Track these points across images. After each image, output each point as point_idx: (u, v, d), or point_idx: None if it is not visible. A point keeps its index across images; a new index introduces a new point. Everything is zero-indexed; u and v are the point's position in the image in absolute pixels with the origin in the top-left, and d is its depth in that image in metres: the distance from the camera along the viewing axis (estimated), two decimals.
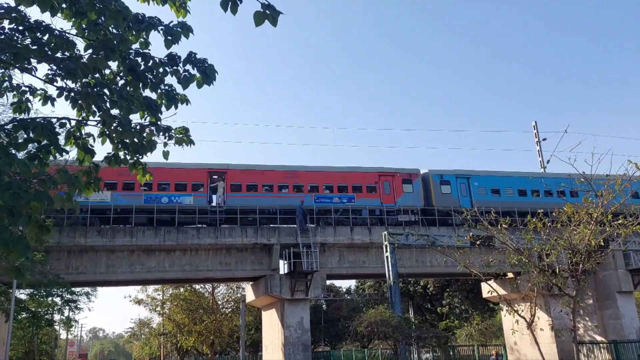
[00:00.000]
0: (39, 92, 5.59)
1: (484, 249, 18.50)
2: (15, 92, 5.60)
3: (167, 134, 5.64)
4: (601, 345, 22.05)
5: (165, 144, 5.72)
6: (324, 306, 57.15)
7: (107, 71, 5.48)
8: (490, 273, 17.06)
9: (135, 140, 5.47)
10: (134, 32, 5.35)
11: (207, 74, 5.46)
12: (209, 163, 25.75)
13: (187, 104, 5.72)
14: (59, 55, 5.14)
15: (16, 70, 5.37)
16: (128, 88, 5.37)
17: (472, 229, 15.97)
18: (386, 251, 22.73)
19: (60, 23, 15.15)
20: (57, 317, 31.98)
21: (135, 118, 5.56)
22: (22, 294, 25.15)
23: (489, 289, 27.60)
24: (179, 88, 5.56)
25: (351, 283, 60.88)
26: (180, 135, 5.70)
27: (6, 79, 5.53)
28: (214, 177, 25.27)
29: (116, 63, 5.37)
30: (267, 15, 4.36)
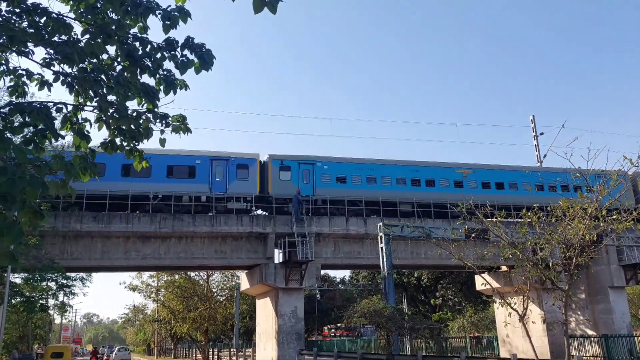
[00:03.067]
0: (35, 76, 5.54)
1: (478, 242, 18.59)
2: (12, 76, 5.54)
3: (164, 122, 5.61)
4: (592, 339, 22.30)
5: (162, 132, 5.69)
6: (318, 296, 57.55)
7: (105, 56, 5.43)
8: (485, 266, 17.17)
9: (132, 127, 5.44)
10: (132, 17, 5.30)
11: (205, 59, 5.42)
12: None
13: (185, 90, 5.68)
14: (56, 39, 5.09)
15: (13, 53, 5.31)
16: (125, 74, 5.32)
17: (468, 221, 16.04)
18: (381, 242, 22.81)
19: (57, 6, 14.97)
20: (51, 302, 32.01)
21: (132, 104, 5.52)
22: (16, 278, 25.12)
23: (482, 282, 27.80)
24: (177, 74, 5.52)
25: (346, 273, 61.29)
26: (178, 123, 5.67)
27: (2, 62, 5.48)
28: None
29: (114, 48, 5.32)
30: (267, 2, 4.31)
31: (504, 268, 29.19)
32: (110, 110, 5.30)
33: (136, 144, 5.64)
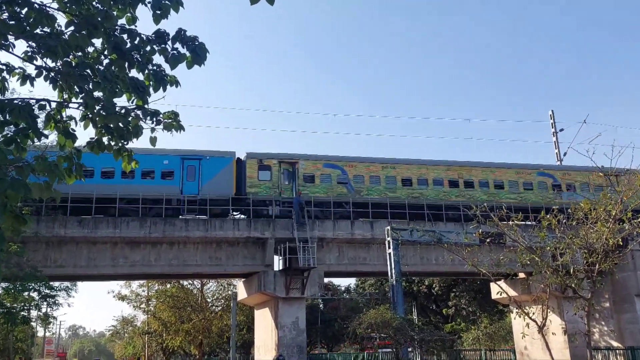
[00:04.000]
0: (16, 71, 5.57)
1: (494, 246, 18.59)
2: None
3: (154, 119, 5.64)
4: (617, 351, 22.25)
5: (153, 130, 5.72)
6: (321, 306, 57.50)
7: (91, 49, 5.46)
8: (500, 273, 17.16)
9: (120, 125, 5.47)
10: (119, 6, 5.34)
11: (198, 53, 5.45)
12: None
13: (176, 87, 5.71)
14: (38, 31, 5.13)
15: None
16: (113, 68, 5.36)
17: (482, 225, 16.04)
18: (389, 247, 22.82)
19: None
20: (34, 313, 32.11)
21: (120, 101, 5.56)
22: None
23: (498, 290, 27.75)
24: (167, 68, 5.55)
25: (351, 281, 61.22)
26: (169, 120, 5.70)
27: None
28: None
29: (100, 40, 5.36)
30: None
31: (521, 275, 29.10)
32: (97, 107, 5.33)
33: (125, 143, 5.68)
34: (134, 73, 5.51)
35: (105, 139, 5.64)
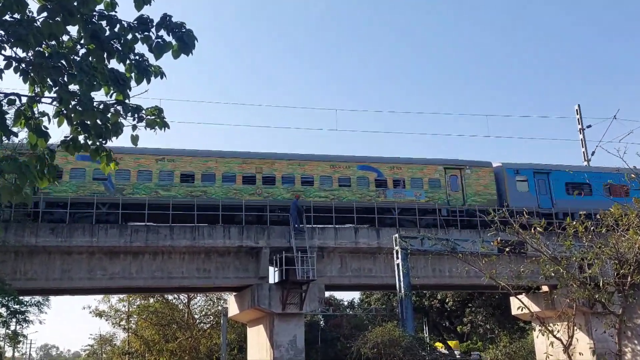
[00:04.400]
0: None
1: (514, 257, 18.56)
2: None
3: (136, 115, 5.66)
4: None
5: (134, 127, 5.73)
6: (321, 322, 57.36)
7: (66, 38, 5.48)
8: (521, 286, 17.13)
9: (98, 121, 5.49)
10: None
11: (185, 41, 5.47)
12: None
13: (162, 78, 5.73)
14: (7, 18, 5.14)
15: None
16: (90, 59, 5.37)
17: (501, 232, 16.03)
18: (397, 258, 22.82)
19: None
20: (1, 331, 32.11)
21: (98, 95, 5.57)
22: None
23: (519, 305, 27.60)
24: (151, 58, 5.57)
25: (354, 295, 61.15)
26: (153, 117, 5.72)
27: None
28: None
29: (76, 28, 5.37)
30: None
31: (544, 288, 29.06)
32: (73, 102, 5.35)
33: (103, 142, 5.69)
34: (113, 64, 5.53)
35: (81, 138, 5.65)
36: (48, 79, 5.32)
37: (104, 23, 5.35)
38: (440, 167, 28.02)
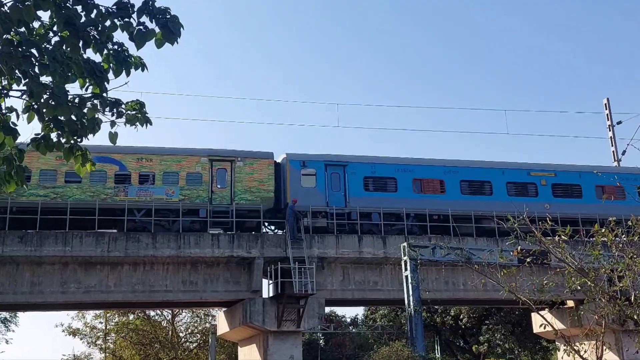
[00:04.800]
0: None
1: (535, 268, 18.56)
2: None
3: (115, 110, 5.68)
4: None
5: (113, 123, 5.75)
6: (321, 341, 57.41)
7: (37, 24, 5.49)
8: (544, 301, 17.12)
9: (73, 117, 5.50)
10: None
11: (170, 29, 5.49)
12: None
13: (143, 70, 5.74)
14: None
15: None
16: (64, 47, 5.39)
17: (521, 241, 16.02)
18: (405, 269, 22.82)
19: None
20: None
21: (73, 88, 5.58)
22: None
23: (541, 322, 27.60)
24: (132, 48, 5.58)
25: (358, 311, 61.16)
26: (134, 112, 5.74)
27: None
28: None
29: (48, 14, 5.39)
30: None
31: (570, 303, 29.04)
32: (44, 96, 5.36)
33: (78, 140, 5.71)
34: (90, 54, 5.54)
35: (54, 135, 5.66)
36: (17, 70, 5.33)
37: (79, 8, 5.37)
38: (204, 158, 26.00)
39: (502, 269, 18.29)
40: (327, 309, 41.46)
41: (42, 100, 5.39)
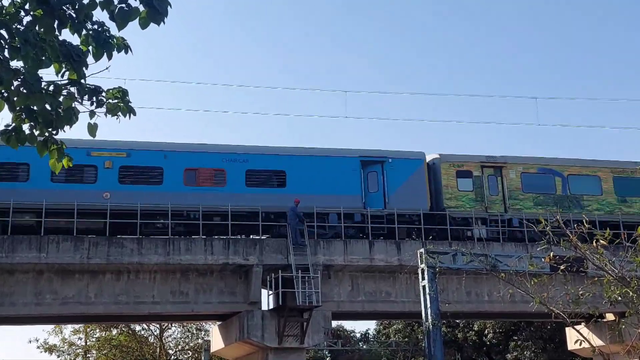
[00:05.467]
0: None
1: (570, 277, 18.50)
2: None
3: (94, 99, 5.68)
4: None
5: (92, 114, 5.75)
6: (327, 359, 57.54)
7: (6, 2, 5.50)
8: (580, 313, 17.07)
9: (47, 107, 5.51)
10: None
11: (156, 8, 5.48)
12: None
13: (126, 52, 5.74)
14: None
15: None
16: (37, 28, 5.39)
17: (554, 246, 15.97)
18: (423, 278, 22.77)
19: None
20: None
21: (47, 74, 5.58)
22: None
23: (577, 338, 27.53)
24: (113, 28, 5.58)
25: (369, 325, 61.25)
26: (115, 101, 5.74)
27: None
28: None
29: None
30: None
31: (609, 317, 28.95)
32: (15, 83, 5.37)
33: (53, 132, 5.71)
34: (66, 35, 5.54)
35: (26, 127, 5.67)
36: None
37: None
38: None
39: (532, 277, 18.25)
40: (334, 323, 41.49)
41: (12, 88, 5.40)
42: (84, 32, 5.53)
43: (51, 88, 5.53)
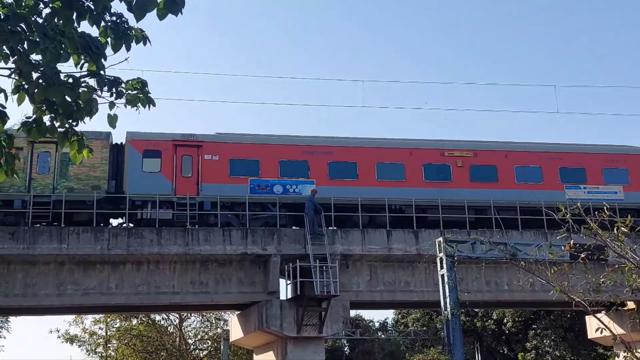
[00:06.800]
0: None
1: (591, 265, 18.37)
2: None
3: (114, 90, 5.69)
4: None
5: (112, 105, 5.77)
6: (346, 349, 57.62)
7: None
8: (601, 302, 16.96)
9: (67, 98, 5.52)
10: None
11: None
12: None
13: (144, 43, 5.74)
14: None
15: None
16: (56, 21, 5.40)
17: (574, 234, 15.86)
18: (441, 267, 22.71)
19: None
20: None
21: (66, 67, 5.60)
22: None
23: (598, 326, 27.38)
24: (131, 19, 5.58)
25: (387, 315, 61.23)
26: (135, 92, 5.75)
27: None
28: None
29: None
30: None
31: (630, 305, 28.71)
32: (35, 75, 5.39)
33: (73, 124, 5.74)
34: (85, 27, 5.55)
35: (46, 119, 5.70)
36: (4, 47, 5.36)
37: None
38: None
39: (552, 266, 18.14)
40: (353, 313, 41.52)
41: (32, 80, 5.41)
42: (103, 23, 5.54)
43: (70, 80, 5.54)
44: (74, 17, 5.40)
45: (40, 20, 5.47)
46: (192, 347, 44.69)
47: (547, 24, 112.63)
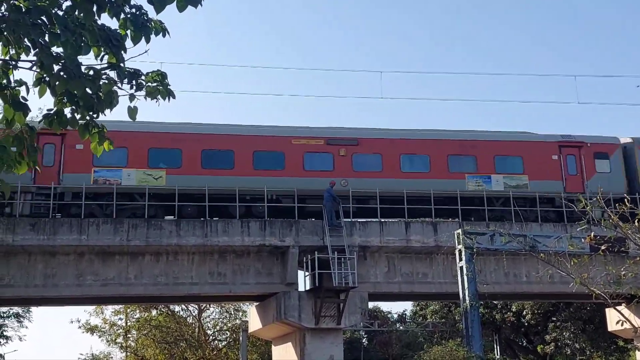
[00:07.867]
0: None
1: (611, 257, 18.23)
2: None
3: (134, 82, 5.72)
4: None
5: (132, 97, 5.80)
6: (364, 340, 57.67)
7: None
8: (622, 294, 16.84)
9: (88, 91, 5.56)
10: None
11: None
12: None
13: (164, 35, 5.77)
14: None
15: None
16: (76, 14, 5.43)
17: (594, 226, 15.74)
18: (460, 259, 22.65)
19: None
20: None
21: (87, 59, 5.63)
22: None
23: (618, 319, 27.21)
24: (151, 12, 5.61)
25: (406, 306, 61.13)
26: (155, 84, 5.78)
27: None
28: None
29: None
30: None
31: None
32: (56, 68, 5.43)
33: (94, 115, 5.78)
34: (105, 20, 5.58)
35: (67, 111, 5.74)
36: (26, 40, 5.40)
37: None
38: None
39: (572, 258, 18.03)
40: (371, 304, 41.46)
41: (53, 73, 5.45)
42: (122, 15, 5.56)
43: (91, 72, 5.57)
44: (94, 9, 5.44)
45: (61, 13, 5.50)
46: (211, 337, 44.87)
47: (568, 15, 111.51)
